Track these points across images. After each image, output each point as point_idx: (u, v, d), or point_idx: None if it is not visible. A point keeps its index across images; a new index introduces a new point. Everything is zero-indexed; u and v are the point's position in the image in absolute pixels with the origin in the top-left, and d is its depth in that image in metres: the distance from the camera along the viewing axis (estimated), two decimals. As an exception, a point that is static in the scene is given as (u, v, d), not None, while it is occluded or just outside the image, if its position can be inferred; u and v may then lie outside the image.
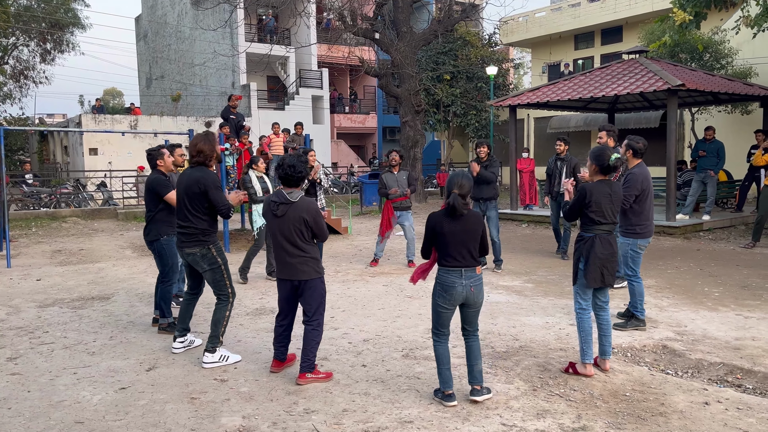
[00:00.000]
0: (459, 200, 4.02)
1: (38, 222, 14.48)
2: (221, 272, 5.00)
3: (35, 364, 5.05)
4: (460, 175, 4.13)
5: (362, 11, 19.76)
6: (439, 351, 4.18)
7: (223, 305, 4.99)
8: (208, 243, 4.96)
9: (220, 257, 5.01)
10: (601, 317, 4.72)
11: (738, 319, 6.02)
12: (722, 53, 16.88)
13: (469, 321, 4.22)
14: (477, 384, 4.16)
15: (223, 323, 4.96)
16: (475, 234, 4.09)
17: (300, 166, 4.46)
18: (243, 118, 12.93)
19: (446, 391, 4.13)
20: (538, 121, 26.25)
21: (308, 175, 4.53)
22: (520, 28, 29.15)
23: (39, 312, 6.78)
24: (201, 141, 4.96)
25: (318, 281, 4.52)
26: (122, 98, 63.98)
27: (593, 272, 4.55)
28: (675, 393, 4.32)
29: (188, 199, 4.91)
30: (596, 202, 4.56)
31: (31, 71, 29.22)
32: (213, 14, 25.32)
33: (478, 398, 4.13)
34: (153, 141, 22.56)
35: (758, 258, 9.20)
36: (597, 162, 4.63)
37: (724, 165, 12.66)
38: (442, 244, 4.12)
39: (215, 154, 5.01)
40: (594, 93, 12.42)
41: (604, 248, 4.56)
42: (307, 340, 4.50)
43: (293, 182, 4.48)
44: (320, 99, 28.53)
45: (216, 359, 4.92)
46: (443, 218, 4.12)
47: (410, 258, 9.15)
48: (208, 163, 4.97)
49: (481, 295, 4.16)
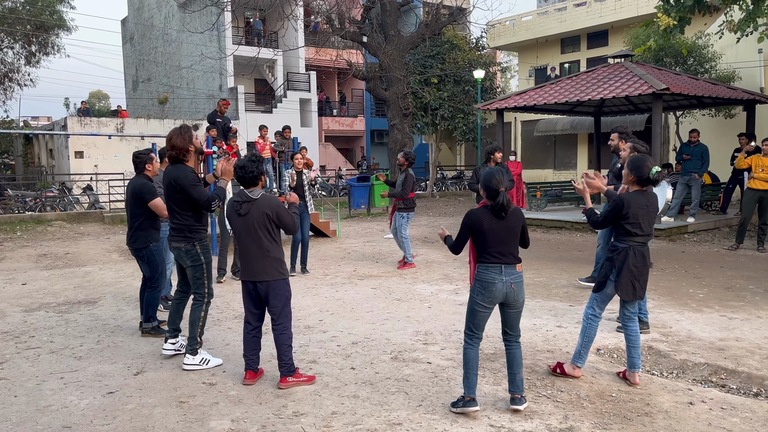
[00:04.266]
0: (507, 198, 3.90)
1: (23, 225, 14.35)
2: (202, 270, 5.00)
3: (21, 369, 5.01)
4: (499, 172, 3.93)
5: (350, 14, 19.81)
6: (469, 354, 4.05)
7: (198, 305, 4.99)
8: (194, 240, 4.97)
9: (204, 255, 5.02)
10: (630, 328, 4.57)
11: (722, 320, 6.10)
12: (706, 57, 17.08)
13: (511, 324, 4.10)
14: (518, 393, 4.08)
15: (200, 324, 4.96)
16: (515, 231, 3.99)
17: (250, 166, 4.48)
18: (229, 121, 12.89)
19: (468, 396, 4.02)
20: (525, 124, 26.42)
21: (262, 174, 4.56)
22: (507, 31, 29.32)
23: (25, 316, 6.73)
24: (174, 135, 4.94)
25: (282, 282, 4.49)
26: (108, 101, 63.53)
27: (625, 284, 4.44)
28: (660, 393, 4.37)
29: (170, 197, 4.95)
30: (633, 214, 4.42)
31: (16, 74, 28.93)
32: (200, 17, 25.24)
33: (519, 407, 4.03)
34: (140, 144, 22.44)
35: (742, 260, 9.32)
36: (636, 173, 4.46)
37: (708, 168, 12.81)
38: (481, 242, 3.99)
39: (191, 147, 4.97)
40: (580, 96, 12.54)
41: (638, 260, 4.46)
42: (278, 344, 4.49)
43: (249, 182, 4.50)
44: (308, 102, 28.52)
45: (197, 362, 4.91)
46: (485, 215, 3.96)
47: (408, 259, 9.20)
48: (182, 158, 4.95)
49: (522, 293, 4.02)
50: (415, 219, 15.62)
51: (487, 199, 3.97)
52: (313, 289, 7.89)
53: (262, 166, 4.55)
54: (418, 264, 9.46)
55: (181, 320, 5.34)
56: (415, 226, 14.13)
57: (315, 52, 28.72)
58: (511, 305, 4.04)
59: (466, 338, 4.10)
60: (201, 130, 22.83)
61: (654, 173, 4.41)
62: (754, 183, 9.80)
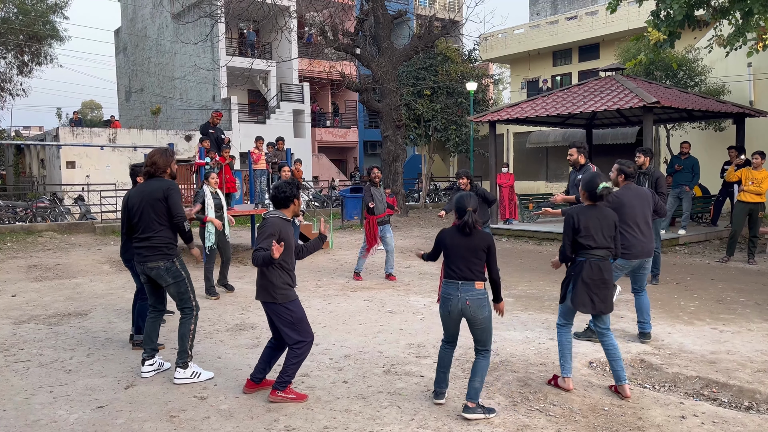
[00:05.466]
0: (473, 217, 4.15)
1: (13, 236, 14.25)
2: (185, 285, 4.97)
3: (11, 383, 4.96)
4: (468, 196, 4.27)
5: (343, 27, 19.90)
6: (440, 355, 4.41)
7: (187, 319, 4.96)
8: (171, 256, 4.94)
9: (183, 270, 5.00)
10: (606, 343, 4.65)
11: (713, 333, 6.13)
12: (696, 71, 17.26)
13: (477, 338, 4.23)
14: (470, 401, 4.16)
15: (189, 337, 4.93)
16: (476, 250, 4.16)
17: (284, 186, 4.46)
18: (222, 132, 12.88)
19: (436, 389, 4.40)
20: (517, 136, 26.54)
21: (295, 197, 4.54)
22: (500, 44, 29.55)
23: (14, 329, 6.67)
24: (157, 154, 4.99)
25: (273, 305, 4.40)
26: (101, 111, 63.40)
27: (580, 296, 4.58)
28: (652, 407, 4.37)
29: (152, 209, 4.88)
30: (585, 227, 4.58)
31: (8, 83, 28.87)
32: (194, 28, 25.28)
33: (466, 415, 4.13)
34: (132, 154, 22.39)
35: (732, 272, 9.37)
36: (586, 188, 4.71)
37: (698, 180, 12.91)
38: (445, 257, 4.29)
39: (169, 169, 5.01)
40: (572, 109, 12.63)
41: (593, 273, 4.56)
42: (286, 358, 4.46)
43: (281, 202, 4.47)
44: (301, 113, 28.57)
45: (187, 375, 4.88)
46: (450, 233, 4.27)
47: (389, 271, 9.22)
48: (158, 175, 4.97)
49: (482, 311, 4.14)
50: (407, 230, 15.64)
51: (457, 219, 4.26)
52: (306, 301, 7.86)
53: (296, 190, 4.50)
54: (411, 276, 9.46)
55: (158, 338, 5.23)
56: (407, 237, 14.14)
57: (308, 64, 28.85)
58: (471, 321, 4.19)
59: (442, 341, 4.42)
60: (194, 141, 22.84)
61: (600, 189, 4.63)
62: (744, 196, 9.84)
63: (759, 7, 9.15)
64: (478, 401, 4.17)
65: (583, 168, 7.36)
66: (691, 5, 9.92)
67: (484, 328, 4.19)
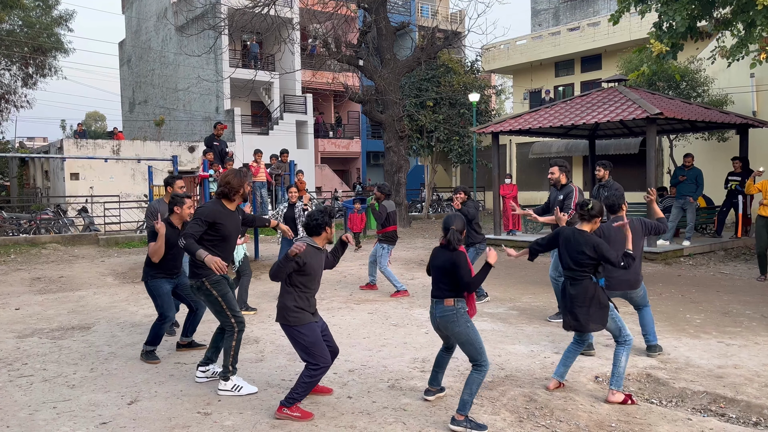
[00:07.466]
0: (456, 235, 4.29)
1: (17, 248, 14.27)
2: (219, 304, 5.01)
3: (14, 398, 4.95)
4: (454, 215, 4.43)
5: (346, 38, 20.00)
6: (437, 355, 4.74)
7: (229, 335, 5.03)
8: (201, 276, 4.97)
9: (215, 289, 5.00)
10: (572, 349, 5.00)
11: (720, 347, 6.08)
12: (698, 82, 17.27)
13: (464, 352, 4.35)
14: (458, 413, 4.23)
15: (231, 353, 4.98)
16: (443, 267, 4.31)
17: (316, 214, 4.53)
18: (226, 145, 12.92)
19: (427, 387, 4.76)
20: (520, 146, 26.56)
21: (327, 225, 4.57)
22: (502, 55, 29.63)
23: (18, 343, 6.65)
24: (231, 174, 5.11)
25: (287, 328, 4.47)
26: (105, 122, 63.69)
27: (562, 312, 4.89)
28: (660, 423, 4.34)
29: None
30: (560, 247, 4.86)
31: (13, 95, 29.03)
32: (197, 40, 25.41)
33: (451, 426, 4.20)
34: (136, 166, 22.45)
35: (738, 284, 9.32)
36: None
37: (702, 191, 12.89)
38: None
39: (242, 191, 5.08)
40: (575, 120, 12.62)
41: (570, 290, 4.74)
42: (300, 376, 4.47)
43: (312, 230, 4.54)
44: (304, 124, 28.64)
45: (228, 388, 4.95)
46: (434, 252, 4.48)
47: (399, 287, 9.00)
48: (231, 196, 5.04)
49: (455, 327, 4.29)
50: (411, 241, 15.61)
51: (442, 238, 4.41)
52: (309, 314, 7.84)
53: (329, 218, 4.55)
54: (414, 288, 9.42)
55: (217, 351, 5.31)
56: (410, 249, 14.11)
57: (311, 75, 28.95)
58: (449, 336, 4.44)
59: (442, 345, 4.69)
60: (197, 153, 22.90)
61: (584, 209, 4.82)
62: (764, 210, 9.35)
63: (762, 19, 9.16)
64: (466, 414, 4.21)
65: (564, 188, 7.31)
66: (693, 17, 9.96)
67: (463, 342, 4.30)
